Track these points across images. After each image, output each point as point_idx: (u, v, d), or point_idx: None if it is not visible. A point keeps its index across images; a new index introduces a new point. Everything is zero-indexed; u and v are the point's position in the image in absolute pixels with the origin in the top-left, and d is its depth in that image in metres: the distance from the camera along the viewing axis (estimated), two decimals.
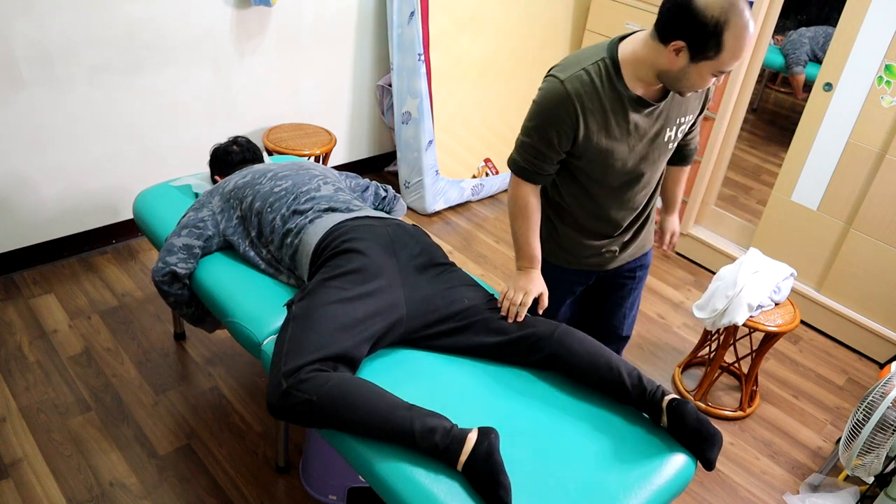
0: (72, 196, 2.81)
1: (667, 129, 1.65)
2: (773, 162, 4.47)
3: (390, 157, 3.92)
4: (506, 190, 3.94)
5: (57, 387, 2.31)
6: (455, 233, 3.49)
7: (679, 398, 1.58)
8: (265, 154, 2.63)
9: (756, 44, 3.03)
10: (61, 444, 2.12)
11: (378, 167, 3.91)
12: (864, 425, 1.90)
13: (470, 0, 3.33)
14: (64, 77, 2.56)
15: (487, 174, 3.78)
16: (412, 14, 3.16)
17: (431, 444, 1.43)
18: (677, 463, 1.57)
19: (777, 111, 5.27)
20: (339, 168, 3.68)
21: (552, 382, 1.72)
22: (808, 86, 2.98)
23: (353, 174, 2.29)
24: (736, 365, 2.69)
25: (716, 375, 2.56)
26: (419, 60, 3.23)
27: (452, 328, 1.75)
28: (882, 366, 2.96)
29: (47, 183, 2.71)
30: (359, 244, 1.76)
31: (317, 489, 2.03)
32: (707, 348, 2.76)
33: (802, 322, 3.14)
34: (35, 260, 2.83)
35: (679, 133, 1.70)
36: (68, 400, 2.27)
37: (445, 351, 1.77)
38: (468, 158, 3.67)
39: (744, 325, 2.31)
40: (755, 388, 2.63)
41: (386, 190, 2.33)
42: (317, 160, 3.13)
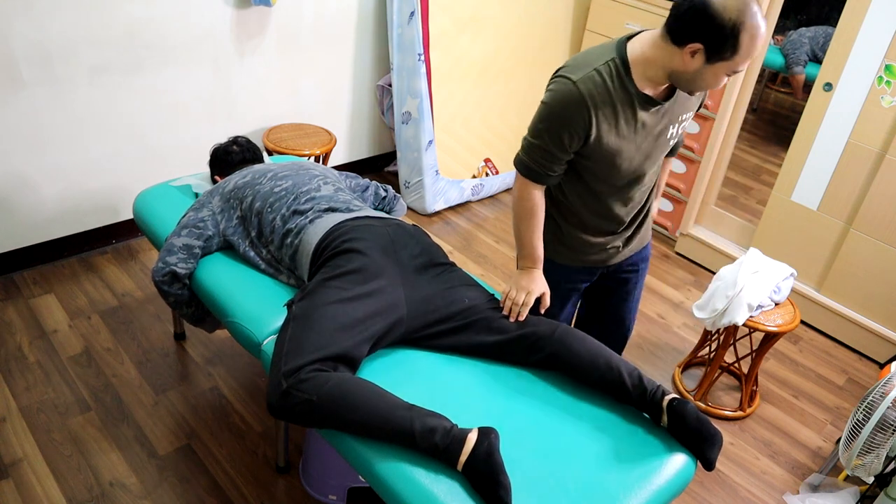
0: (72, 196, 2.81)
1: (670, 127, 1.67)
2: (773, 162, 4.47)
3: (390, 157, 3.92)
4: (506, 190, 3.95)
5: (57, 387, 2.31)
6: (455, 233, 3.49)
7: (679, 398, 1.59)
8: (265, 154, 2.63)
9: None
10: (61, 444, 2.12)
11: (378, 167, 3.91)
12: (864, 425, 1.90)
13: (470, 0, 3.33)
14: (64, 77, 2.56)
15: (487, 174, 3.78)
16: (412, 14, 3.16)
17: (431, 444, 1.44)
18: (677, 463, 1.57)
19: (777, 111, 5.26)
20: (339, 168, 3.68)
21: (552, 382, 1.72)
22: (808, 86, 2.98)
23: (353, 174, 2.29)
24: (736, 365, 2.69)
25: (716, 375, 2.56)
26: (419, 60, 3.23)
27: (453, 328, 1.75)
28: (882, 366, 2.96)
29: (47, 183, 2.71)
30: (359, 244, 1.76)
31: (317, 489, 2.03)
32: (707, 348, 2.76)
33: (802, 322, 3.14)
34: (35, 260, 2.83)
35: (680, 130, 1.72)
36: (68, 400, 2.27)
37: (446, 350, 1.77)
38: (468, 158, 3.67)
39: (744, 325, 2.31)
40: (755, 388, 2.63)
41: (386, 190, 2.33)
42: (317, 160, 3.13)
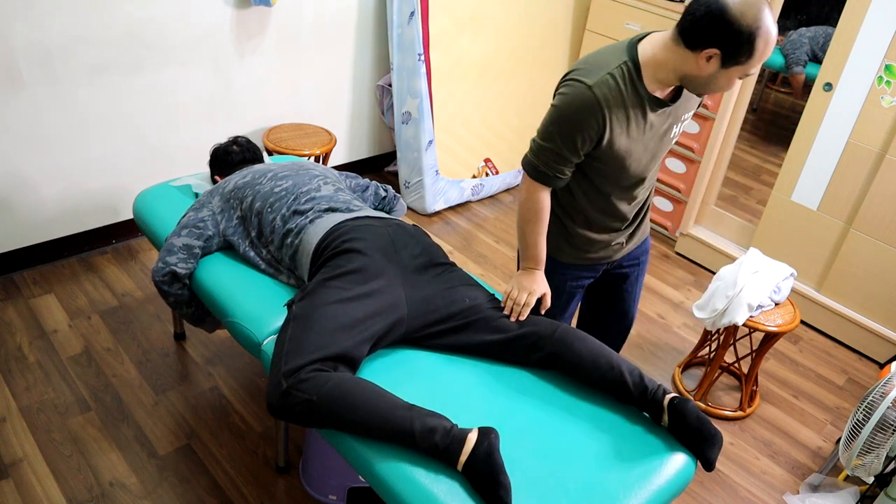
0: (72, 196, 2.81)
1: (674, 127, 1.69)
2: (773, 162, 4.46)
3: (390, 157, 3.92)
4: (506, 190, 3.95)
5: (57, 387, 2.31)
6: (455, 233, 3.49)
7: (680, 397, 1.59)
8: (265, 154, 2.63)
9: None
10: (61, 444, 2.12)
11: (378, 167, 3.91)
12: (864, 425, 1.90)
13: (470, 0, 3.33)
14: (64, 77, 2.56)
15: (487, 174, 3.78)
16: (412, 14, 3.16)
17: (431, 444, 1.44)
18: (677, 463, 1.57)
19: (777, 111, 5.26)
20: (339, 168, 3.68)
21: (552, 382, 1.72)
22: (808, 86, 2.98)
23: (353, 174, 2.29)
24: (736, 365, 2.69)
25: (716, 375, 2.56)
26: (419, 60, 3.23)
27: (453, 327, 1.75)
28: (882, 366, 2.96)
29: (47, 183, 2.71)
30: (359, 244, 1.76)
31: (317, 489, 2.03)
32: (707, 348, 2.76)
33: (802, 322, 3.14)
34: (35, 260, 2.83)
35: (682, 128, 1.74)
36: (68, 400, 2.27)
37: (446, 350, 1.77)
38: (468, 158, 3.67)
39: (744, 325, 2.31)
40: (755, 388, 2.63)
41: (386, 190, 2.33)
42: (317, 160, 3.13)
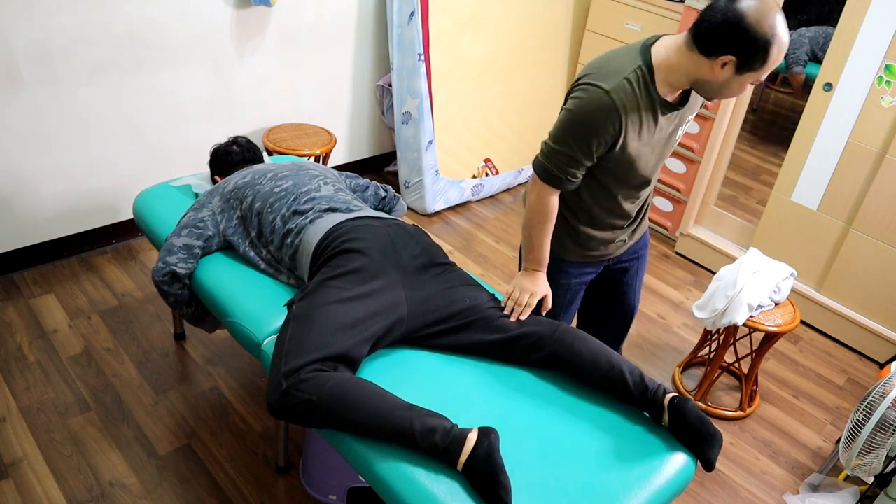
0: (72, 196, 2.80)
1: (679, 128, 1.72)
2: (773, 162, 4.46)
3: (390, 157, 3.92)
4: (506, 190, 3.95)
5: (57, 387, 2.31)
6: (455, 233, 3.49)
7: (680, 397, 1.59)
8: (265, 154, 2.63)
9: None
10: (61, 444, 2.12)
11: (378, 167, 3.91)
12: (864, 425, 1.90)
13: (470, 0, 3.33)
14: (64, 77, 2.56)
15: (487, 174, 3.78)
16: (412, 14, 3.16)
17: (431, 444, 1.44)
18: (677, 463, 1.57)
19: (777, 111, 5.26)
20: (339, 168, 3.68)
21: (552, 382, 1.72)
22: (808, 86, 2.98)
23: (353, 174, 2.29)
24: (736, 365, 2.69)
25: (716, 375, 2.56)
26: (419, 60, 3.23)
27: (453, 327, 1.75)
28: (882, 366, 2.96)
29: (47, 183, 2.71)
30: (359, 244, 1.76)
31: (317, 489, 2.03)
32: (707, 348, 2.76)
33: (802, 322, 3.14)
34: (35, 260, 2.83)
35: (686, 129, 1.76)
36: (68, 400, 2.27)
37: (446, 350, 1.77)
38: (468, 158, 3.67)
39: (744, 325, 2.31)
40: (755, 388, 2.63)
41: (386, 190, 2.33)
42: (317, 160, 3.13)
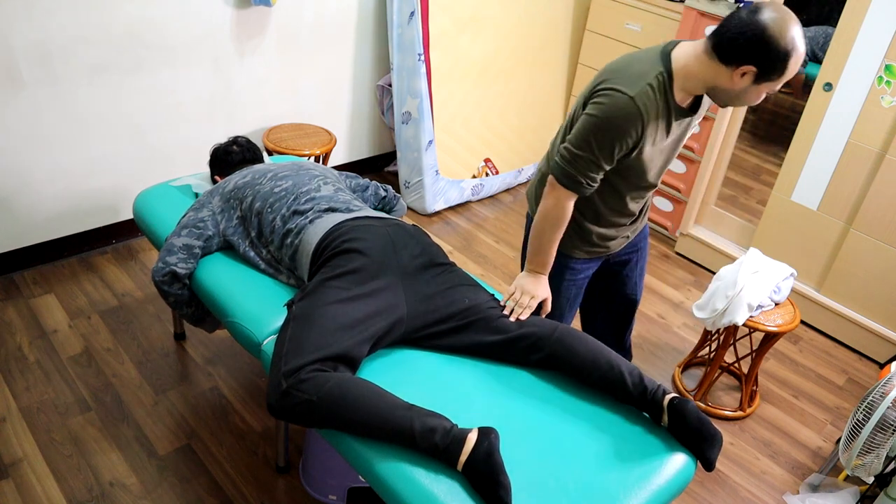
0: (72, 196, 2.80)
1: (686, 132, 1.75)
2: (773, 162, 4.46)
3: (390, 157, 3.92)
4: (506, 190, 3.95)
5: (57, 387, 2.31)
6: (455, 233, 3.49)
7: (680, 397, 1.59)
8: (265, 154, 2.63)
9: None
10: (61, 444, 2.12)
11: (378, 167, 3.91)
12: (864, 425, 1.90)
13: (470, 0, 3.33)
14: (64, 77, 2.56)
15: (487, 174, 3.78)
16: (412, 14, 3.16)
17: (431, 444, 1.44)
18: (677, 463, 1.57)
19: (777, 111, 5.26)
20: (339, 168, 3.68)
21: (552, 382, 1.72)
22: (808, 86, 2.98)
23: (353, 174, 2.29)
24: (736, 365, 2.69)
25: (716, 375, 2.56)
26: (419, 60, 3.23)
27: (453, 327, 1.75)
28: (882, 366, 2.96)
29: (47, 183, 2.71)
30: (359, 244, 1.76)
31: (317, 489, 2.03)
32: (707, 348, 2.76)
33: (802, 322, 3.14)
34: (35, 260, 2.83)
35: (691, 132, 1.79)
36: (68, 400, 2.27)
37: (446, 350, 1.77)
38: (468, 158, 3.67)
39: (744, 325, 2.31)
40: (755, 388, 2.63)
41: (386, 190, 2.33)
42: (317, 160, 3.13)
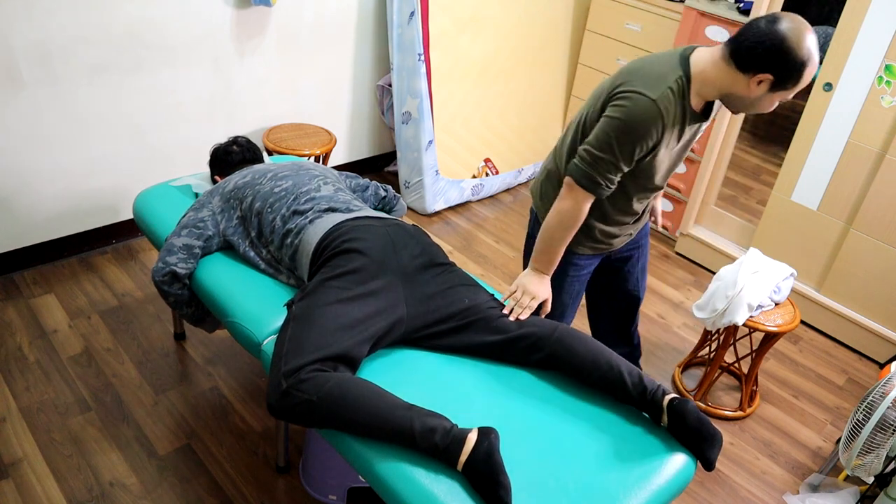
0: (72, 196, 2.80)
1: (695, 137, 1.77)
2: (773, 162, 4.46)
3: (390, 157, 3.92)
4: (506, 190, 3.95)
5: (57, 387, 2.31)
6: (455, 233, 3.49)
7: (680, 397, 1.59)
8: (265, 154, 2.63)
9: None
10: (61, 444, 2.12)
11: (378, 167, 3.91)
12: (864, 425, 1.90)
13: (470, 0, 3.33)
14: (64, 77, 2.56)
15: (487, 174, 3.78)
16: (412, 14, 3.16)
17: (431, 444, 1.44)
18: (677, 463, 1.57)
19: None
20: (339, 168, 3.68)
21: (552, 382, 1.72)
22: (809, 86, 2.97)
23: (353, 174, 2.29)
24: (736, 365, 2.69)
25: (716, 375, 2.56)
26: (419, 60, 3.23)
27: (453, 327, 1.75)
28: (882, 366, 2.96)
29: (47, 183, 2.71)
30: (359, 244, 1.76)
31: (317, 489, 2.03)
32: (707, 348, 2.76)
33: (802, 322, 3.14)
34: (35, 260, 2.83)
35: (698, 137, 1.81)
36: (68, 400, 2.27)
37: (446, 350, 1.77)
38: (468, 158, 3.67)
39: (744, 325, 2.31)
40: (755, 388, 2.63)
41: (386, 190, 2.33)
42: (317, 160, 3.13)
